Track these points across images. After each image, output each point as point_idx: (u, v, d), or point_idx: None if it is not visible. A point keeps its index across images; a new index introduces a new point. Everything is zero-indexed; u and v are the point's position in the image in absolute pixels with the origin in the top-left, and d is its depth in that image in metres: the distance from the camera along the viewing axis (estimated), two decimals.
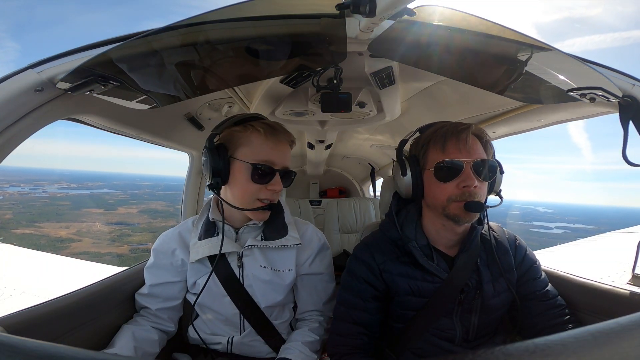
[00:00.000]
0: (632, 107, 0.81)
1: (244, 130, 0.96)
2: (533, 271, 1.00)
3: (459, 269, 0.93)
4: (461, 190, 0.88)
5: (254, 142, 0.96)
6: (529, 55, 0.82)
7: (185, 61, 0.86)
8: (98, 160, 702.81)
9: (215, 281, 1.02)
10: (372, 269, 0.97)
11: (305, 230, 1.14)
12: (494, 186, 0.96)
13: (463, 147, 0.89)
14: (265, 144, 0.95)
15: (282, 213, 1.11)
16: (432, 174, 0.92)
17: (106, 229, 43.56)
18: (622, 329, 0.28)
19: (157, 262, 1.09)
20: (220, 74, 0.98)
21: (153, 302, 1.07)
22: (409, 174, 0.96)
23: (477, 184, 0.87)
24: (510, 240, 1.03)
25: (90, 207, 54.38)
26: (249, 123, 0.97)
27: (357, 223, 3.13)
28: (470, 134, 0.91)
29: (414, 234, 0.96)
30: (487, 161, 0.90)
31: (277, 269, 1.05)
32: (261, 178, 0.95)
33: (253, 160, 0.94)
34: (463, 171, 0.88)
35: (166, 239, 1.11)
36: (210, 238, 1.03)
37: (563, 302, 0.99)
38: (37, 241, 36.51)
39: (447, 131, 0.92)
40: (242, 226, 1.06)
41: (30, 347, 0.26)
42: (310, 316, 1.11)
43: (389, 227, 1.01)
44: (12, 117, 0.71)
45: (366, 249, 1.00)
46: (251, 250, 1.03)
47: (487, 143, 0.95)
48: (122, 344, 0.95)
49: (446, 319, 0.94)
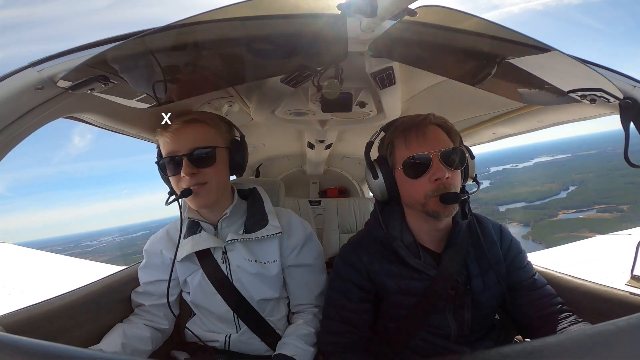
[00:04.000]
0: (633, 109, 0.81)
1: (157, 135, 1.02)
2: (519, 260, 0.99)
3: (446, 264, 0.92)
4: (435, 184, 0.86)
5: (161, 142, 1.01)
6: (529, 55, 0.82)
7: (185, 60, 0.86)
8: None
9: (205, 279, 1.03)
10: (358, 269, 0.96)
11: (289, 219, 1.12)
12: (467, 173, 0.95)
13: (426, 139, 0.87)
14: (164, 138, 0.99)
15: (261, 202, 1.11)
16: (402, 172, 0.90)
17: None
18: (619, 331, 0.28)
19: (148, 262, 1.11)
20: (220, 73, 0.98)
21: (147, 299, 1.08)
22: (380, 176, 0.95)
23: (448, 175, 0.85)
24: (495, 229, 1.01)
25: None
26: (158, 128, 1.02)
27: (357, 223, 3.13)
28: (430, 125, 0.89)
29: (399, 232, 0.95)
30: (454, 149, 0.88)
31: (262, 261, 1.04)
32: (172, 169, 0.98)
33: (163, 157, 0.99)
34: (432, 164, 0.86)
35: (155, 240, 1.14)
36: (193, 235, 1.05)
37: (552, 290, 0.97)
38: None
39: (407, 125, 0.90)
40: (217, 221, 1.06)
41: (29, 346, 0.26)
42: (304, 309, 1.11)
43: (374, 225, 0.99)
44: (12, 116, 0.71)
45: (352, 249, 1.00)
46: (234, 245, 1.03)
47: (450, 130, 0.93)
48: (110, 340, 0.95)
49: (439, 316, 0.93)
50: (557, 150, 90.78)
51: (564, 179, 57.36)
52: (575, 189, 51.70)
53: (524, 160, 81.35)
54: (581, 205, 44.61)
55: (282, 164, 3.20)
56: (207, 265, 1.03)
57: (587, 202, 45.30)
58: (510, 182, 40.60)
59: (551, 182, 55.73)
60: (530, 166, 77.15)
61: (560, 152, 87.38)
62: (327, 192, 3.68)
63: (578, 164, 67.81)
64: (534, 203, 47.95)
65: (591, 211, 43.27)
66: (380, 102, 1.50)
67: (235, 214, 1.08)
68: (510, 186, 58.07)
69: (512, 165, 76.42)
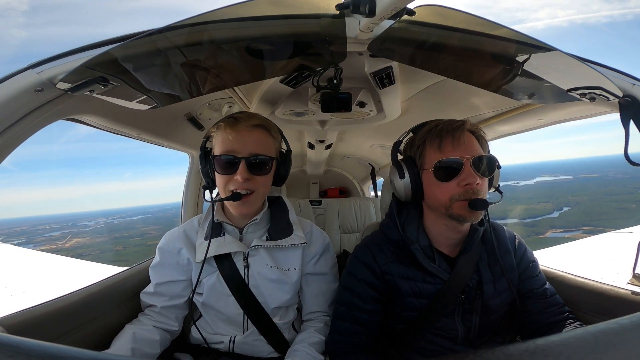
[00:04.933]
0: (633, 107, 0.81)
1: (216, 129, 1.01)
2: (531, 269, 1.00)
3: (459, 270, 0.93)
4: (463, 189, 0.86)
5: (219, 137, 0.99)
6: (529, 54, 0.82)
7: (185, 61, 0.86)
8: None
9: (221, 281, 1.02)
10: (373, 270, 0.97)
11: (311, 229, 1.15)
12: (492, 182, 0.95)
13: (460, 145, 0.88)
14: (226, 135, 0.97)
15: (286, 212, 1.12)
16: (431, 175, 0.91)
17: None
18: (622, 329, 0.28)
19: (163, 260, 1.09)
20: (220, 74, 0.98)
21: (159, 300, 1.06)
22: (407, 176, 0.95)
23: (479, 181, 0.86)
24: (510, 238, 1.03)
25: None
26: (220, 121, 1.01)
27: (358, 223, 3.13)
28: (466, 131, 0.90)
29: (416, 235, 0.95)
30: (485, 157, 0.89)
31: (284, 268, 1.05)
32: (225, 168, 0.97)
33: (218, 153, 0.98)
34: (463, 169, 0.87)
35: (172, 237, 1.11)
36: (217, 238, 1.04)
37: (561, 300, 0.99)
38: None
39: (442, 129, 0.91)
40: (245, 225, 1.07)
41: (30, 347, 0.26)
42: (315, 317, 1.11)
43: (390, 228, 1.00)
44: (12, 118, 0.71)
45: (367, 250, 1.00)
46: (257, 250, 1.04)
47: (481, 138, 0.93)
48: (120, 345, 0.95)
49: (448, 319, 0.94)
50: (560, 171, 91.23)
51: (560, 199, 57.95)
52: (568, 209, 52.59)
53: (526, 179, 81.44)
54: (569, 226, 45.62)
55: None
56: (224, 267, 1.03)
57: (575, 223, 46.47)
58: (507, 198, 41.39)
59: (546, 202, 56.42)
60: (531, 185, 77.39)
61: (563, 172, 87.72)
62: (328, 192, 3.68)
63: (578, 185, 68.39)
64: (525, 220, 48.76)
65: (577, 232, 44.05)
66: (380, 101, 1.51)
67: (262, 220, 1.09)
68: (507, 203, 58.67)
69: (513, 182, 76.29)
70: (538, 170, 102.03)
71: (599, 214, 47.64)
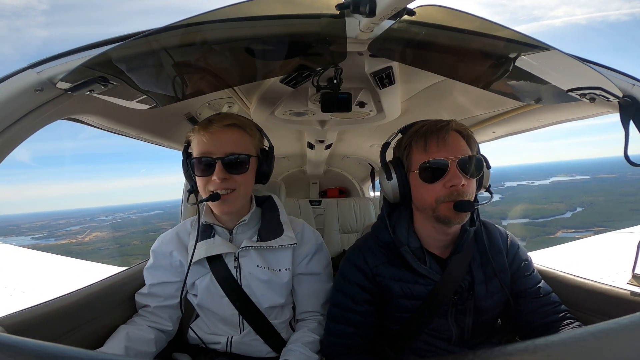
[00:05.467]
0: (633, 107, 0.81)
1: (192, 132, 1.01)
2: (524, 268, 0.99)
3: (451, 271, 0.92)
4: (449, 190, 0.86)
5: (195, 140, 1.00)
6: (529, 54, 0.82)
7: (185, 61, 0.86)
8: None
9: (214, 282, 1.03)
10: (365, 272, 0.97)
11: (302, 229, 1.14)
12: (482, 182, 0.94)
13: (446, 145, 0.87)
14: (200, 137, 0.98)
15: (277, 212, 1.11)
16: (417, 176, 0.90)
17: None
18: (622, 329, 0.28)
19: (156, 263, 1.10)
20: (220, 74, 0.98)
21: (153, 301, 1.07)
22: (394, 178, 0.94)
23: (464, 182, 0.85)
24: (502, 238, 1.02)
25: None
26: (197, 124, 1.02)
27: (357, 223, 3.13)
28: (451, 131, 0.89)
29: (406, 237, 0.95)
30: (472, 157, 0.88)
31: (274, 269, 1.05)
32: (203, 170, 0.98)
33: (195, 155, 0.99)
34: (448, 170, 0.86)
35: (164, 240, 1.12)
36: (207, 239, 1.05)
37: (557, 298, 0.98)
38: None
39: (427, 130, 0.90)
40: (234, 226, 1.07)
41: (30, 347, 0.26)
42: (309, 317, 1.11)
43: (381, 230, 0.99)
44: (12, 117, 0.71)
45: (358, 252, 1.00)
46: (247, 251, 1.04)
47: (469, 138, 0.92)
48: (113, 343, 0.95)
49: (441, 320, 0.94)
50: (577, 171, 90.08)
51: (574, 199, 57.35)
52: (581, 210, 52.02)
53: (542, 178, 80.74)
54: (581, 226, 45.26)
55: (282, 164, 3.20)
56: (217, 269, 1.03)
57: (588, 223, 46.03)
58: (521, 198, 40.66)
59: (560, 202, 55.79)
60: (546, 184, 76.75)
61: (580, 172, 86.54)
62: (328, 192, 3.68)
63: (594, 186, 67.39)
64: (537, 220, 48.42)
65: (589, 232, 43.87)
66: (380, 101, 1.51)
67: (251, 220, 1.09)
68: (520, 202, 58.14)
69: (528, 182, 75.79)
70: (555, 169, 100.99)
71: (612, 215, 47.22)
